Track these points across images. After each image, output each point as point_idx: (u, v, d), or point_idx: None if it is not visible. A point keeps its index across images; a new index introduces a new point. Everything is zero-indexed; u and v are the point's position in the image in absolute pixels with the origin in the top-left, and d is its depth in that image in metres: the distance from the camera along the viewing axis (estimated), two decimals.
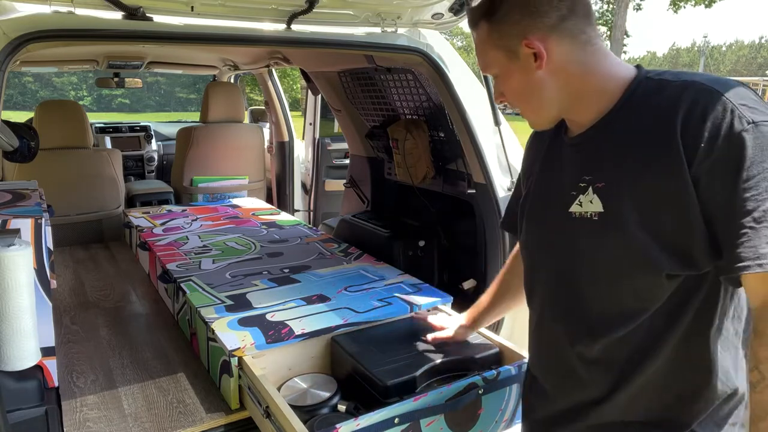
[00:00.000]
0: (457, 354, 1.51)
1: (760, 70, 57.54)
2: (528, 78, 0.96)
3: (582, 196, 0.96)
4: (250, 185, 3.92)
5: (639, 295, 0.92)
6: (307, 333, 1.59)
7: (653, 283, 0.90)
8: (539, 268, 1.10)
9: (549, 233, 1.05)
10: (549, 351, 1.10)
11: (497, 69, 0.99)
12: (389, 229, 2.51)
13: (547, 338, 1.10)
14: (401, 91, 2.53)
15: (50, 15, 1.58)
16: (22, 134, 1.81)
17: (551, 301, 1.07)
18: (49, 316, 1.40)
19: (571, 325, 1.02)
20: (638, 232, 0.88)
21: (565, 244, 1.01)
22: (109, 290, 2.33)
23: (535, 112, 1.01)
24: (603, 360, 0.98)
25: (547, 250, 1.06)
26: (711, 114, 0.82)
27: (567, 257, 1.01)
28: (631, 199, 0.89)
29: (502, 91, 1.01)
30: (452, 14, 2.01)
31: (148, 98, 20.08)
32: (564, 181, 1.01)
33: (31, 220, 1.37)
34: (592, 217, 0.94)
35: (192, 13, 1.75)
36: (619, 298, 0.94)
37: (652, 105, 0.89)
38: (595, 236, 0.94)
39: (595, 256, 0.95)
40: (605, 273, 0.95)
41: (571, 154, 1.02)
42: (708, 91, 0.84)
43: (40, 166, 2.64)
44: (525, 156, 1.22)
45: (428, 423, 1.27)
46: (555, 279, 1.05)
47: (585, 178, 0.96)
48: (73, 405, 1.47)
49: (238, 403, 1.49)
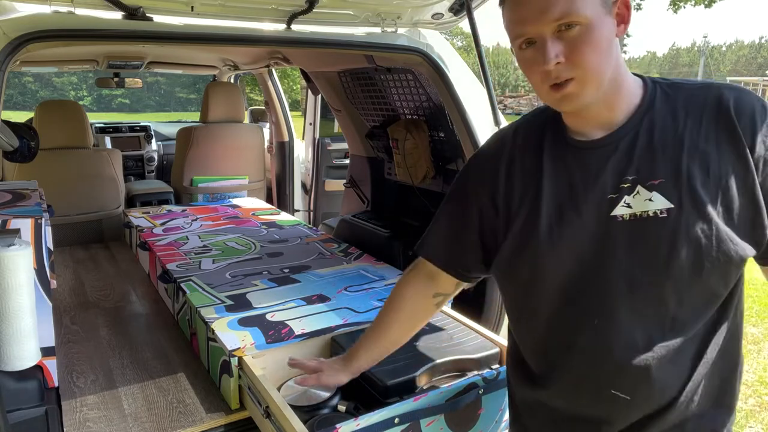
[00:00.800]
0: (457, 354, 1.51)
1: (760, 70, 57.55)
2: (612, 38, 0.89)
3: (628, 197, 0.91)
4: (250, 185, 3.92)
5: (718, 283, 0.91)
6: (307, 333, 1.59)
7: (733, 271, 0.90)
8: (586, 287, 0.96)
9: (585, 246, 0.94)
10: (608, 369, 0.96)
11: (590, 15, 0.85)
12: (389, 229, 2.51)
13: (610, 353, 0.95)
14: (401, 91, 2.53)
15: (50, 15, 1.58)
16: (22, 134, 1.81)
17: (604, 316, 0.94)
18: (49, 316, 1.40)
19: (649, 330, 0.93)
20: (719, 220, 0.87)
21: (618, 250, 0.92)
22: (109, 290, 2.33)
23: (600, 81, 0.89)
24: (679, 358, 0.93)
25: (597, 264, 0.94)
26: (758, 105, 0.88)
27: (626, 263, 0.91)
28: (705, 187, 0.87)
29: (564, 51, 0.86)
30: (452, 14, 2.01)
31: (148, 98, 20.09)
32: (594, 186, 0.93)
33: (31, 220, 1.37)
34: (657, 215, 0.89)
35: (192, 13, 1.75)
36: (701, 291, 0.91)
37: (684, 104, 0.92)
38: (669, 233, 0.89)
39: (673, 254, 0.89)
40: (687, 268, 0.89)
41: (599, 156, 0.95)
42: (739, 88, 0.91)
43: (40, 166, 2.64)
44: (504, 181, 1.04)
45: (428, 423, 1.27)
46: (608, 291, 0.93)
47: (628, 178, 0.91)
48: (73, 405, 1.47)
49: (238, 403, 1.49)
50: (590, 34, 0.86)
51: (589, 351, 0.97)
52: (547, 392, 1.04)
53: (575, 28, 0.86)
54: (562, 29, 0.86)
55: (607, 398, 0.97)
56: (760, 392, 3.01)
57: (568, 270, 0.96)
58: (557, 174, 0.98)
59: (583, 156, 0.96)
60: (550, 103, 0.94)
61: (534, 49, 0.89)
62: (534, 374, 1.06)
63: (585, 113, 0.95)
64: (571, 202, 0.96)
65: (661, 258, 0.90)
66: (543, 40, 0.87)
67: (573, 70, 0.87)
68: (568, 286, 0.97)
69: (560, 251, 0.96)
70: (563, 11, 0.85)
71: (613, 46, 0.90)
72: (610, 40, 0.88)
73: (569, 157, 0.98)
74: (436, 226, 1.20)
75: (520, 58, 0.93)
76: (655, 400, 0.95)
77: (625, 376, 0.95)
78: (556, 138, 1.01)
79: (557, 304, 0.99)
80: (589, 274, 0.95)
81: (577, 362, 0.98)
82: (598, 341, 0.96)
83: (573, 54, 0.86)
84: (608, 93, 0.91)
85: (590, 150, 0.96)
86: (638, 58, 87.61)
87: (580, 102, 0.90)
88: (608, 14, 0.88)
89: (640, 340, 0.93)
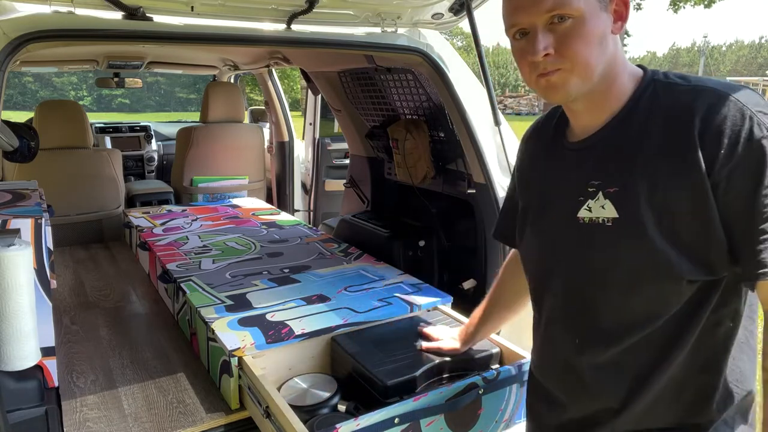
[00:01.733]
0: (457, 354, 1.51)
1: (760, 70, 57.54)
2: (605, 33, 0.89)
3: (591, 201, 0.93)
4: (250, 185, 3.92)
5: (655, 301, 0.90)
6: (307, 333, 1.59)
7: (671, 290, 0.88)
8: (546, 277, 1.05)
9: (555, 241, 1.01)
10: (558, 360, 1.05)
11: (582, 8, 0.86)
12: (389, 229, 2.51)
13: (556, 347, 1.05)
14: (401, 91, 2.53)
15: (50, 15, 1.58)
16: (22, 134, 1.81)
17: (560, 309, 1.03)
18: (49, 316, 1.40)
19: (581, 333, 0.99)
20: (657, 238, 0.85)
21: (574, 251, 0.97)
22: (109, 290, 2.33)
23: (588, 74, 0.89)
24: (614, 368, 0.95)
25: (554, 259, 1.02)
26: (729, 120, 0.81)
27: (577, 265, 0.97)
28: (649, 204, 0.86)
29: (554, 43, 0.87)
30: (452, 14, 2.01)
31: (148, 98, 20.08)
32: (569, 186, 0.97)
33: (31, 220, 1.37)
34: (605, 223, 0.91)
35: (192, 13, 1.75)
36: (634, 305, 0.91)
37: (664, 110, 0.88)
38: (609, 243, 0.91)
39: (609, 264, 0.92)
40: (621, 280, 0.91)
41: (576, 157, 0.98)
42: (724, 97, 0.83)
43: (40, 166, 2.64)
44: (519, 165, 1.17)
45: (428, 423, 1.27)
46: (563, 287, 1.01)
47: (593, 182, 0.93)
48: (73, 405, 1.47)
49: (238, 403, 1.49)
50: (581, 28, 0.87)
51: (548, 339, 1.08)
52: (534, 364, 1.16)
53: (568, 20, 0.87)
54: (555, 21, 0.88)
55: (563, 388, 1.06)
56: (759, 392, 3.00)
57: (535, 260, 1.09)
58: (550, 172, 1.04)
59: (569, 157, 1.00)
60: (538, 92, 0.95)
61: (526, 40, 0.91)
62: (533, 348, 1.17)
63: (573, 107, 0.97)
64: (553, 199, 1.02)
65: (601, 265, 0.93)
66: (534, 31, 0.89)
67: (561, 62, 0.88)
68: (535, 274, 1.09)
69: (534, 242, 1.07)
70: (556, 2, 0.86)
71: (607, 42, 0.89)
72: (602, 35, 0.88)
73: (561, 156, 1.02)
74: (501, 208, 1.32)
75: (513, 48, 0.95)
76: (589, 405, 1.00)
77: (563, 373, 1.04)
78: (556, 138, 1.05)
79: (532, 287, 1.11)
80: (546, 267, 1.05)
81: (543, 346, 1.11)
82: (546, 334, 1.07)
83: (562, 46, 0.88)
84: (597, 89, 0.91)
85: (574, 151, 0.99)
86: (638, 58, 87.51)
87: (565, 92, 0.91)
88: (604, 10, 0.89)
89: (574, 343, 0.99)
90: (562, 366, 1.04)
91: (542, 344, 1.11)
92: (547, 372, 1.11)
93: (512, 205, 1.19)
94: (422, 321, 1.71)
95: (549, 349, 1.09)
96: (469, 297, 2.17)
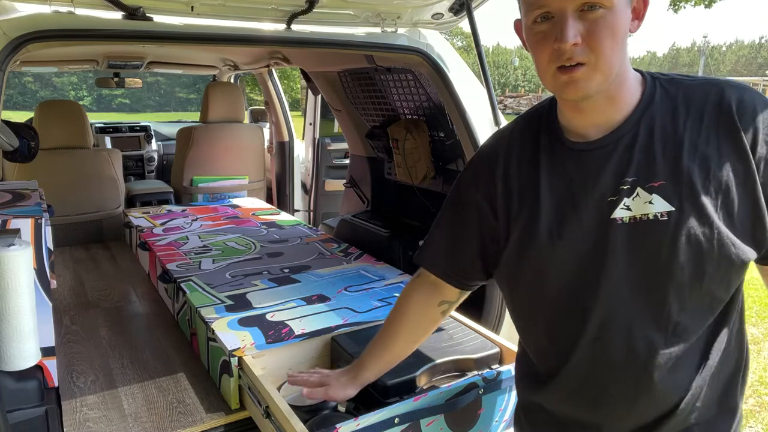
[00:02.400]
0: (457, 354, 1.51)
1: (760, 70, 57.55)
2: (627, 28, 0.87)
3: (628, 199, 0.88)
4: (250, 185, 3.92)
5: (720, 286, 0.89)
6: (307, 333, 1.59)
7: (734, 272, 0.88)
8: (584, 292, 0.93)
9: (589, 250, 0.92)
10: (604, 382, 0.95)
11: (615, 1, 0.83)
12: (389, 229, 2.52)
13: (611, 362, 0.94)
14: (401, 91, 2.53)
15: (50, 15, 1.57)
16: (22, 134, 1.81)
17: (608, 323, 0.92)
18: (49, 316, 1.40)
19: (644, 338, 0.91)
20: (720, 222, 0.85)
21: (619, 253, 0.89)
22: (109, 290, 2.33)
23: (609, 70, 0.86)
24: (678, 366, 0.91)
25: (594, 269, 0.92)
26: (759, 105, 0.86)
27: (626, 267, 0.90)
28: (705, 189, 0.85)
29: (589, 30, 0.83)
30: (452, 14, 2.01)
31: (148, 98, 20.07)
32: (592, 189, 0.91)
33: (31, 220, 1.37)
34: (658, 218, 0.87)
35: (192, 13, 1.75)
36: (703, 295, 0.89)
37: (688, 102, 0.89)
38: (670, 237, 0.86)
39: (674, 257, 0.87)
40: (687, 272, 0.87)
41: (592, 158, 0.93)
42: (745, 87, 0.88)
43: (40, 166, 2.64)
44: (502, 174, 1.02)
45: (428, 423, 1.27)
46: (616, 296, 0.91)
47: (627, 179, 0.89)
48: (73, 405, 1.47)
49: (238, 403, 1.49)
50: (612, 20, 0.83)
51: (588, 356, 0.95)
52: (547, 395, 1.03)
53: (599, 10, 0.83)
54: (585, 9, 0.83)
55: (604, 405, 0.96)
56: (760, 392, 3.01)
57: (568, 273, 0.94)
58: (556, 177, 0.96)
59: (581, 158, 0.94)
60: (554, 87, 0.89)
61: (550, 24, 0.85)
62: (536, 376, 1.05)
63: (585, 105, 0.91)
64: (571, 204, 0.93)
65: (662, 262, 0.88)
66: (564, 16, 0.83)
67: (587, 54, 0.84)
68: (569, 289, 0.95)
69: (560, 253, 0.94)
70: None
71: (626, 40, 0.87)
72: (625, 31, 0.86)
73: (567, 159, 0.95)
74: (435, 234, 1.17)
75: (530, 33, 0.89)
76: (654, 409, 0.94)
77: (625, 384, 0.93)
78: (552, 140, 0.98)
79: (558, 308, 0.97)
80: (588, 277, 0.92)
81: (576, 367, 0.96)
82: (596, 347, 0.94)
83: (591, 37, 0.83)
84: (612, 88, 0.89)
85: (588, 152, 0.93)
86: (638, 58, 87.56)
87: (586, 90, 0.87)
88: (628, 5, 0.87)
89: (641, 347, 0.91)
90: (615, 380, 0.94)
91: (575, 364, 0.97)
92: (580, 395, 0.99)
93: (467, 241, 1.08)
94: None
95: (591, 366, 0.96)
96: (469, 297, 2.17)
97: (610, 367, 0.94)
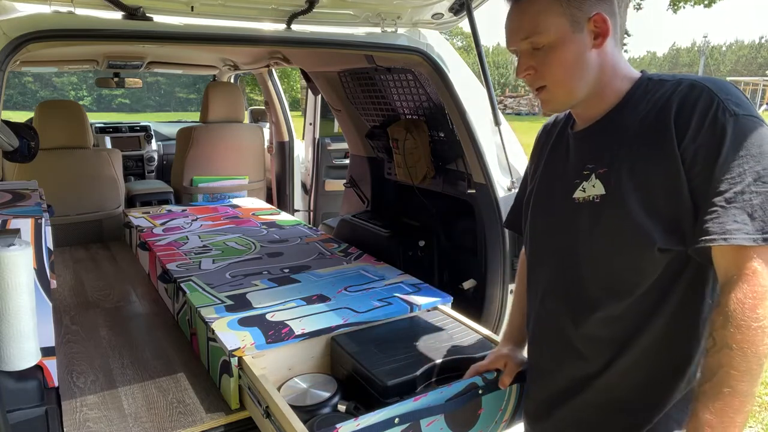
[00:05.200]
0: (457, 354, 1.51)
1: (760, 70, 57.56)
2: (581, 53, 0.99)
3: (585, 182, 1.03)
4: (250, 185, 3.92)
5: (633, 270, 0.98)
6: (307, 333, 1.59)
7: (647, 258, 0.96)
8: (542, 254, 1.15)
9: (553, 220, 1.11)
10: (549, 331, 1.14)
11: (553, 36, 0.98)
12: (389, 229, 2.51)
13: (547, 319, 1.14)
14: (401, 91, 2.53)
15: (50, 15, 1.58)
16: (22, 134, 1.81)
17: (553, 282, 1.12)
18: (49, 316, 1.40)
19: (572, 303, 1.07)
20: (635, 208, 0.95)
21: (568, 228, 1.06)
22: (109, 290, 2.33)
23: (569, 91, 1.02)
24: (602, 336, 1.04)
25: (551, 236, 1.12)
26: (699, 105, 0.91)
27: (568, 240, 1.06)
28: (630, 179, 0.96)
29: (535, 64, 1.01)
30: (452, 14, 2.01)
31: (148, 98, 20.08)
32: (568, 171, 1.08)
33: (31, 220, 1.37)
34: (594, 200, 1.01)
35: (192, 13, 1.75)
36: (616, 274, 1.00)
37: (650, 100, 0.98)
38: (595, 216, 1.00)
39: (593, 235, 1.01)
40: (603, 249, 1.01)
41: (576, 146, 1.09)
42: (699, 86, 0.94)
43: (40, 166, 2.64)
44: (533, 154, 1.27)
45: (428, 423, 1.27)
46: (556, 262, 1.10)
47: (588, 166, 1.03)
48: (73, 405, 1.47)
49: (238, 403, 1.49)
50: (554, 53, 0.99)
51: (537, 314, 1.16)
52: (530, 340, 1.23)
53: (542, 47, 1.00)
54: (535, 47, 1.00)
55: (549, 357, 1.14)
56: (759, 392, 3.01)
57: (536, 239, 1.17)
58: (555, 157, 1.14)
59: (569, 145, 1.11)
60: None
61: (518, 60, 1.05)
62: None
63: (573, 110, 1.10)
64: (555, 181, 1.11)
65: (585, 239, 1.03)
66: (518, 54, 1.04)
67: (541, 81, 1.02)
68: (534, 253, 1.18)
69: (536, 222, 1.17)
70: (527, 33, 1.00)
71: (586, 60, 0.99)
72: (578, 55, 0.99)
73: (565, 144, 1.12)
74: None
75: None
76: (575, 372, 1.08)
77: (556, 341, 1.11)
78: (564, 127, 1.15)
79: (530, 266, 1.20)
80: (545, 245, 1.13)
81: (534, 322, 1.18)
82: (543, 306, 1.14)
83: (541, 68, 1.01)
84: (591, 95, 1.02)
85: (576, 140, 1.09)
86: (638, 58, 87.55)
87: (554, 106, 1.06)
88: (578, 32, 0.98)
89: (567, 313, 1.08)
90: (555, 338, 1.12)
91: (537, 317, 1.17)
92: (540, 347, 1.18)
93: (524, 195, 1.29)
94: (423, 321, 1.71)
95: (542, 323, 1.16)
96: (469, 297, 2.18)
97: (548, 326, 1.13)
